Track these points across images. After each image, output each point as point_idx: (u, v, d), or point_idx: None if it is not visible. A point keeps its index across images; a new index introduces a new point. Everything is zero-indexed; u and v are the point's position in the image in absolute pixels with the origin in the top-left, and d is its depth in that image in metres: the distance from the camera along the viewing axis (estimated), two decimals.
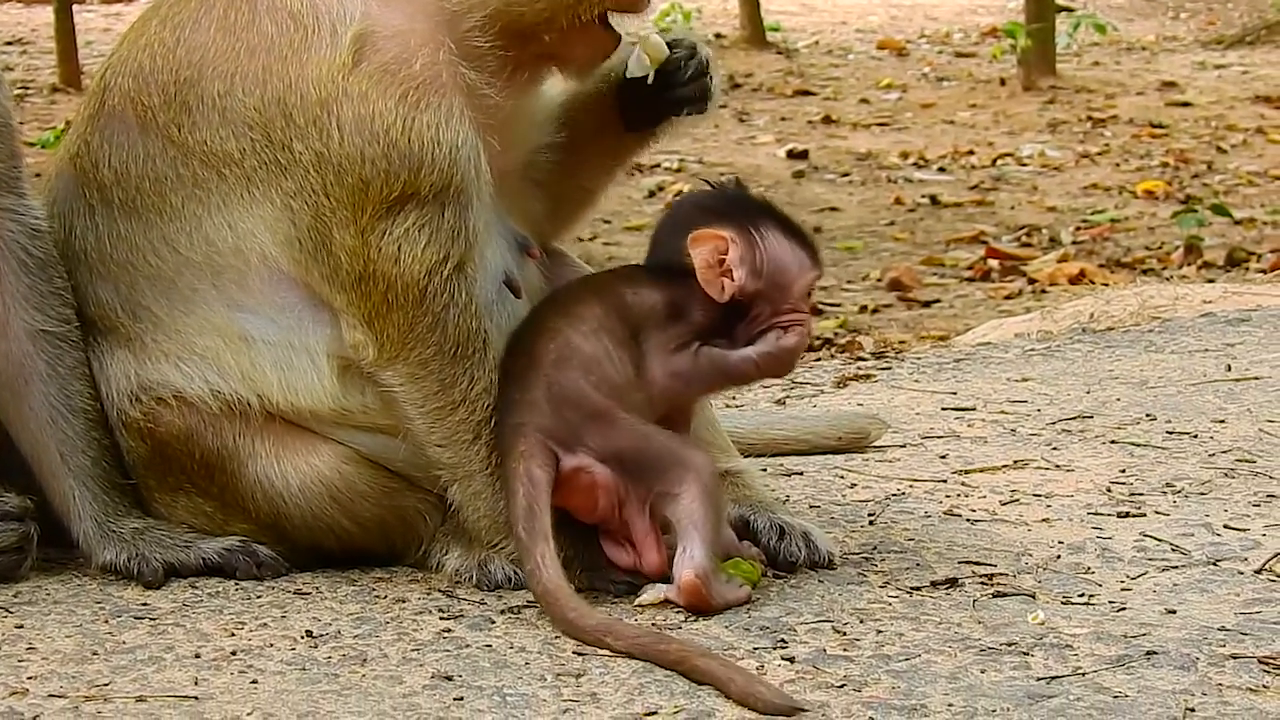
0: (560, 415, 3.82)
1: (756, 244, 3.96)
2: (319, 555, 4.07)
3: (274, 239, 3.94)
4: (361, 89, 3.84)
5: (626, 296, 3.96)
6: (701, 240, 3.94)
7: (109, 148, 4.06)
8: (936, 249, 11.90)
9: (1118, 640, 3.63)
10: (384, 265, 3.86)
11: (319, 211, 3.88)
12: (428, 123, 3.84)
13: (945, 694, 3.37)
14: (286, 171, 3.90)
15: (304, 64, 3.87)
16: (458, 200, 3.88)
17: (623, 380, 3.87)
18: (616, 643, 3.57)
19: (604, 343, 3.88)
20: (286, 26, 3.90)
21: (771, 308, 3.97)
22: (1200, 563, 4.12)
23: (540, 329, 3.93)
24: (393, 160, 3.84)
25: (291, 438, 4.00)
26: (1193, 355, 6.30)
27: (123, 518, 4.07)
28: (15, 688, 3.43)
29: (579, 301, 3.96)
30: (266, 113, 3.90)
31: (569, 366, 3.85)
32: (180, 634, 3.71)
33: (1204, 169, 14.85)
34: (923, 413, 5.56)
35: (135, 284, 4.06)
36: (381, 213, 3.86)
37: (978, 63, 21.00)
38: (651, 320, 3.93)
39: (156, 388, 4.02)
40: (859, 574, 4.03)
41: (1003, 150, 15.57)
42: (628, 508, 3.85)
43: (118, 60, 4.10)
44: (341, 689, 3.42)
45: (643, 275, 4.04)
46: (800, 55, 21.22)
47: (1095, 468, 4.91)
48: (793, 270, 3.99)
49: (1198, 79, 19.77)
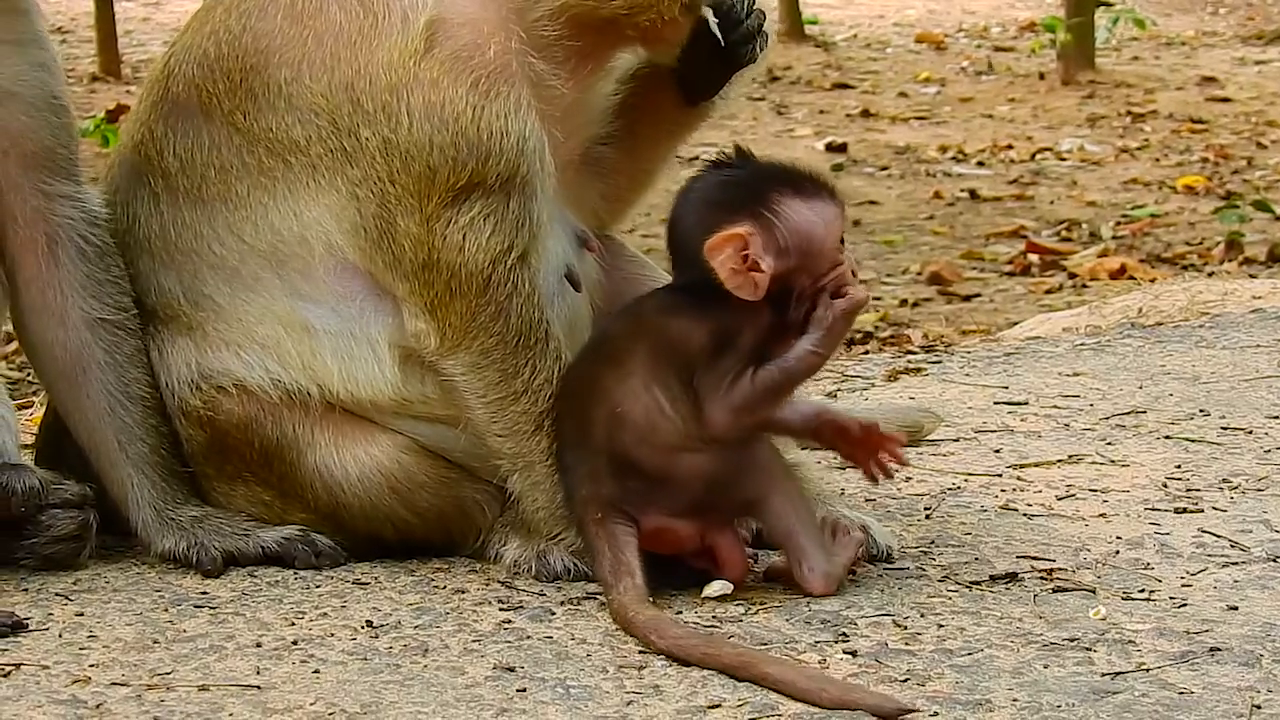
0: (624, 484, 3.74)
1: (774, 224, 3.77)
2: (377, 545, 4.07)
3: (339, 227, 3.94)
4: (433, 75, 3.83)
5: (671, 333, 3.79)
6: (718, 248, 3.75)
7: (174, 136, 4.06)
8: (976, 243, 11.86)
9: (1180, 636, 3.61)
10: (448, 254, 3.85)
11: (384, 199, 3.88)
12: (497, 112, 3.83)
13: (1009, 689, 3.35)
14: (352, 159, 3.90)
15: (374, 50, 3.87)
16: (523, 191, 3.87)
17: (681, 432, 3.73)
18: (709, 660, 3.47)
19: (656, 398, 3.73)
20: (356, 13, 3.90)
21: (810, 277, 3.79)
22: (1260, 559, 4.10)
23: (588, 388, 3.81)
24: (461, 148, 3.83)
25: (350, 427, 3.99)
26: (1244, 351, 6.26)
27: (181, 506, 4.07)
28: (77, 675, 3.43)
29: (624, 352, 3.80)
30: (334, 99, 3.89)
31: (623, 432, 3.74)
32: (240, 623, 3.71)
33: (1244, 165, 14.78)
34: (974, 407, 5.54)
35: (199, 272, 4.06)
36: (447, 201, 3.85)
37: (1016, 57, 20.92)
38: (700, 358, 3.76)
39: (217, 376, 4.03)
40: (917, 568, 4.02)
41: (1042, 145, 15.51)
42: (710, 535, 3.79)
43: (181, 48, 4.10)
44: (404, 679, 3.41)
45: (682, 302, 3.82)
46: (838, 49, 21.17)
47: (1150, 463, 4.89)
48: (819, 230, 3.79)
49: (1238, 74, 19.67)
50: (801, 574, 3.80)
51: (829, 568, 3.80)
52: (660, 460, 3.74)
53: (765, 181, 3.85)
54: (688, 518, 3.76)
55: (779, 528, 3.81)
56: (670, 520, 3.76)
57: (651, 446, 3.74)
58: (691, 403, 3.75)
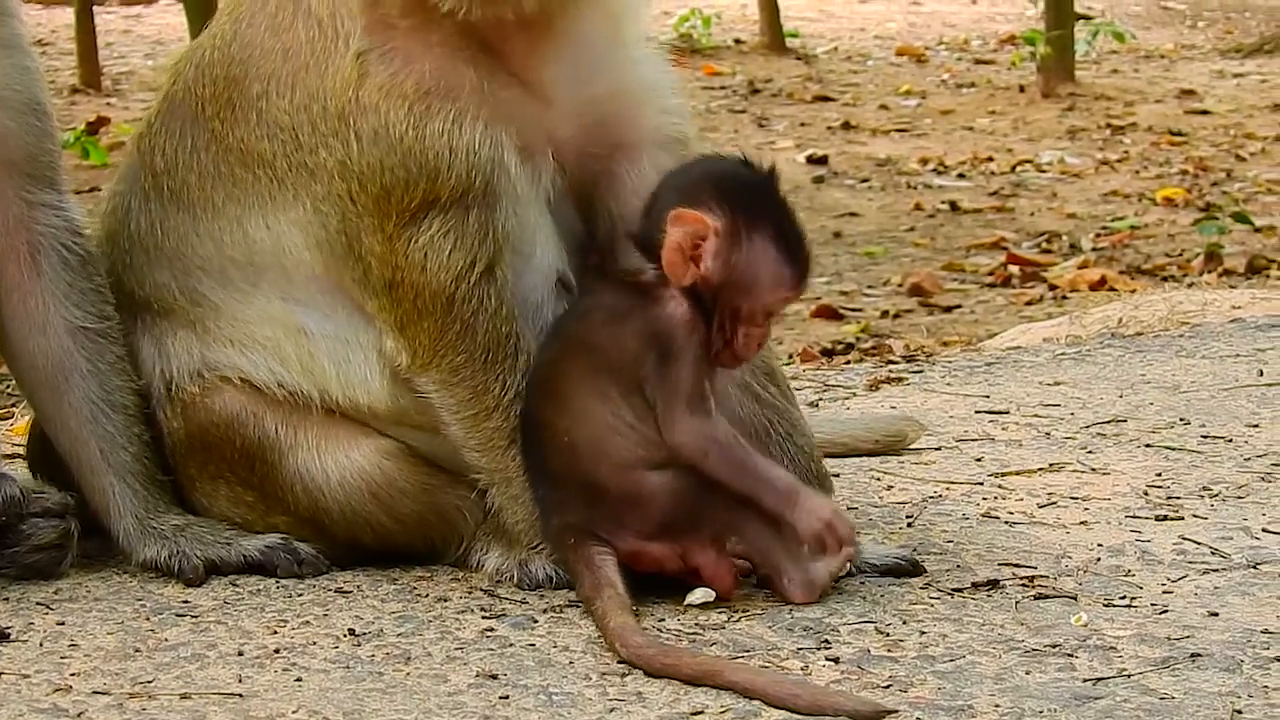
0: (592, 511, 3.74)
1: (741, 243, 3.75)
2: (359, 552, 4.06)
3: (305, 242, 3.95)
4: (372, 101, 3.84)
5: (602, 345, 3.76)
6: (683, 221, 3.73)
7: (165, 135, 4.09)
8: (957, 255, 11.89)
9: (1161, 642, 3.62)
10: (411, 273, 3.85)
11: (346, 217, 3.89)
12: (438, 129, 3.81)
13: (992, 695, 3.36)
14: (315, 176, 3.91)
15: (324, 73, 3.89)
16: (483, 202, 3.85)
17: (640, 445, 3.71)
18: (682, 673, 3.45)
19: (603, 414, 3.72)
20: (313, 33, 3.92)
21: (732, 309, 3.76)
22: (1240, 566, 4.11)
23: (535, 422, 3.80)
24: (410, 169, 3.83)
25: (333, 431, 3.99)
26: (1224, 360, 6.28)
27: (163, 514, 4.06)
28: (59, 684, 3.43)
29: (559, 377, 3.78)
30: (296, 118, 3.91)
31: (578, 458, 3.73)
32: (222, 631, 3.70)
33: (1223, 177, 14.82)
34: (956, 416, 5.55)
35: (190, 271, 4.06)
36: (405, 220, 3.84)
37: (996, 70, 20.96)
38: (643, 365, 3.72)
39: (222, 368, 4.02)
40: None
41: (1022, 157, 15.54)
42: (690, 555, 3.77)
43: (193, 46, 4.13)
44: (386, 687, 3.41)
45: (602, 308, 3.80)
46: (819, 61, 21.19)
47: (1131, 471, 4.90)
48: (769, 280, 3.77)
49: (1216, 87, 19.73)
50: (783, 586, 3.81)
51: (809, 575, 3.80)
52: (622, 479, 3.72)
53: (763, 206, 3.82)
54: (662, 539, 3.74)
55: (754, 545, 3.81)
56: (644, 544, 3.74)
57: (611, 465, 3.72)
58: (643, 413, 3.73)
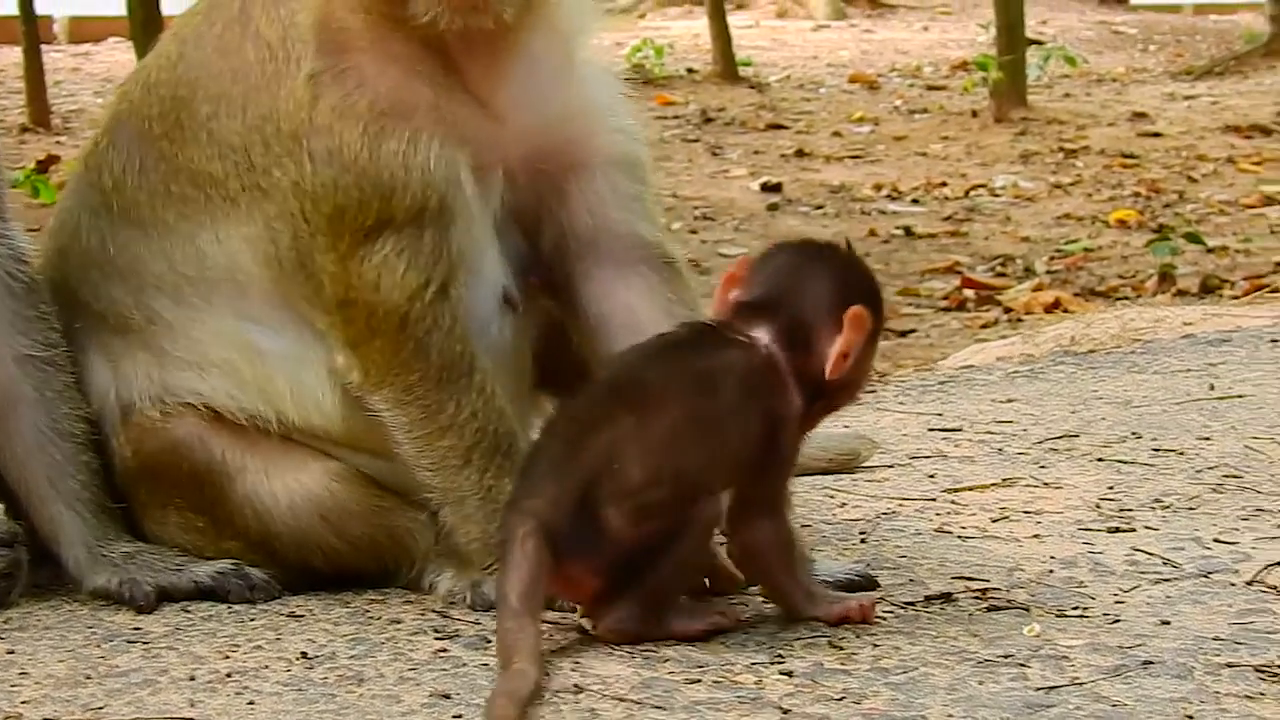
0: (575, 524, 3.56)
1: (874, 343, 3.76)
2: (311, 576, 4.04)
3: (255, 259, 3.94)
4: (325, 122, 3.82)
5: (723, 405, 3.61)
6: (861, 322, 3.67)
7: (112, 153, 4.08)
8: (911, 280, 11.94)
9: (1113, 651, 3.63)
10: (365, 292, 3.84)
11: (298, 235, 3.88)
12: (393, 150, 3.80)
13: (944, 705, 3.36)
14: (268, 195, 3.90)
15: (276, 94, 3.87)
16: (438, 221, 3.83)
17: (667, 508, 3.56)
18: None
19: (662, 469, 3.55)
20: (263, 55, 3.91)
21: (829, 406, 3.76)
22: (1192, 575, 4.12)
23: (596, 421, 3.62)
24: (364, 189, 3.81)
25: (283, 454, 3.98)
26: (1175, 375, 6.32)
27: (113, 542, 4.04)
28: (9, 712, 3.40)
29: (653, 402, 3.61)
30: (248, 138, 3.90)
31: (606, 486, 3.55)
32: (174, 657, 3.68)
33: (1175, 198, 14.94)
34: (909, 434, 5.57)
35: (143, 288, 4.05)
36: (359, 239, 3.83)
37: (949, 95, 21.08)
38: (749, 450, 3.61)
39: (172, 396, 4.00)
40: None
41: (976, 181, 15.64)
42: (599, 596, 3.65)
43: (139, 67, 4.13)
44: (339, 709, 3.40)
45: (735, 367, 3.64)
46: (772, 89, 21.28)
47: (1083, 485, 4.92)
48: (865, 383, 3.82)
49: (1168, 110, 19.89)
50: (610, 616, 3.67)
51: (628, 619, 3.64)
52: (624, 526, 3.58)
53: (880, 299, 3.82)
54: (602, 576, 3.62)
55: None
56: (588, 575, 3.62)
57: (625, 514, 3.57)
58: (714, 486, 3.59)
